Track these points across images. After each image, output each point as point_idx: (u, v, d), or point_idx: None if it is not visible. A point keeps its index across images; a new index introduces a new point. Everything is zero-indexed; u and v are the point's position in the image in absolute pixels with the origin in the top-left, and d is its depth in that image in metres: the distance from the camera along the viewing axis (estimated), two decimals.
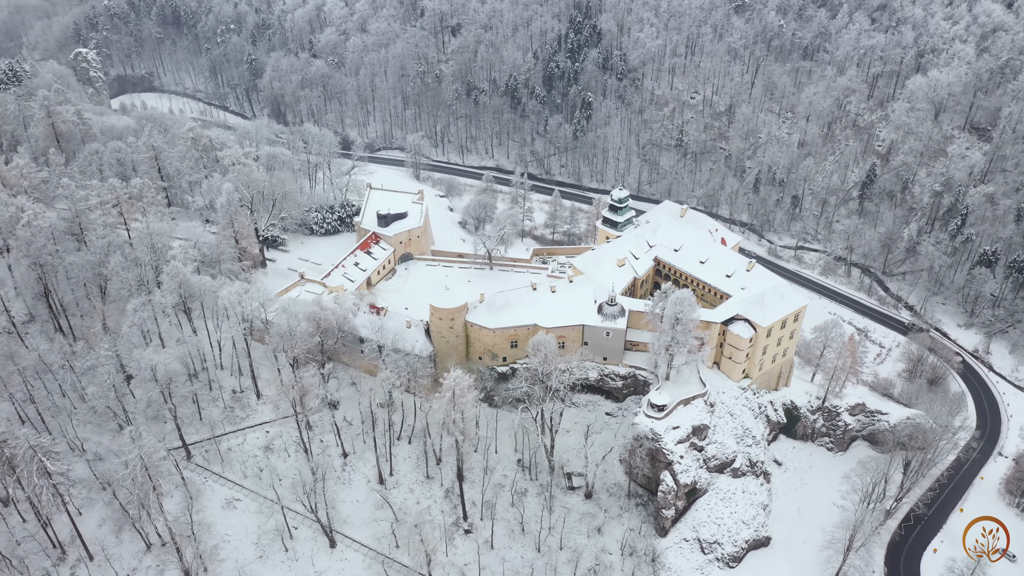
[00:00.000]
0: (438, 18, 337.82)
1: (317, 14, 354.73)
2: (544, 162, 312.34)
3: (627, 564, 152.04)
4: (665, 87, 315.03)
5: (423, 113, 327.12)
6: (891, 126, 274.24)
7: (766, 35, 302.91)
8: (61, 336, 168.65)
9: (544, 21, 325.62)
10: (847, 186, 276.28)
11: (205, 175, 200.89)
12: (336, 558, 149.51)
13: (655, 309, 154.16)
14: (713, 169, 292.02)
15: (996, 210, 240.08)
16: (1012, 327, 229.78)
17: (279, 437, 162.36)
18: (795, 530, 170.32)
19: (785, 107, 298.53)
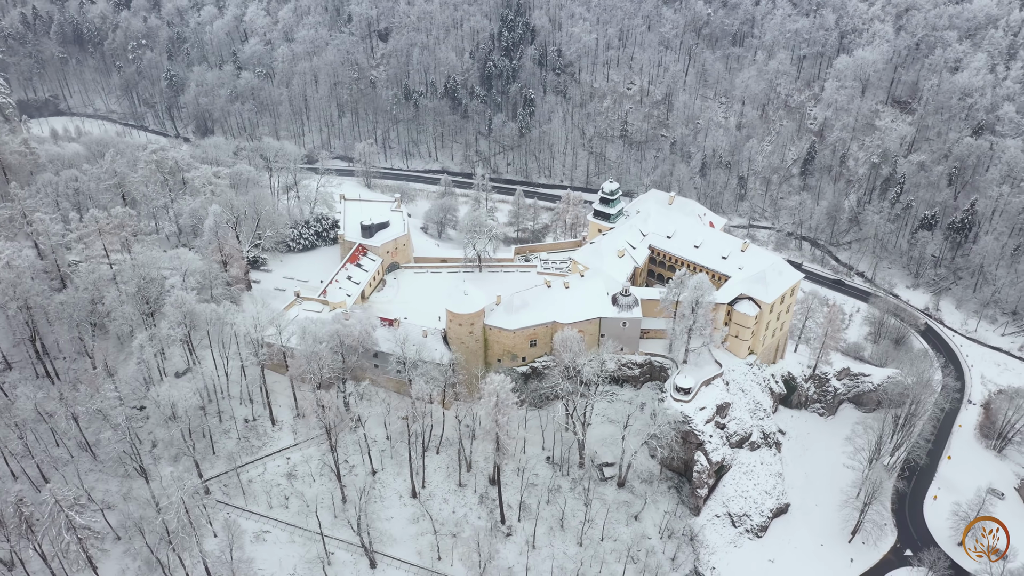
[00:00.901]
0: (366, 23, 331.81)
1: (237, 25, 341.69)
2: (490, 161, 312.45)
3: (668, 547, 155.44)
4: (601, 80, 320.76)
5: (360, 121, 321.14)
6: (822, 104, 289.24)
7: (696, 24, 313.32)
8: (49, 382, 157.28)
9: (476, 21, 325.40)
10: (787, 164, 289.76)
11: (172, 198, 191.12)
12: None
13: (670, 296, 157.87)
14: (658, 156, 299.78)
15: (929, 176, 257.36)
16: (955, 284, 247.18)
17: (302, 463, 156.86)
18: (807, 494, 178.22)
19: (719, 92, 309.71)
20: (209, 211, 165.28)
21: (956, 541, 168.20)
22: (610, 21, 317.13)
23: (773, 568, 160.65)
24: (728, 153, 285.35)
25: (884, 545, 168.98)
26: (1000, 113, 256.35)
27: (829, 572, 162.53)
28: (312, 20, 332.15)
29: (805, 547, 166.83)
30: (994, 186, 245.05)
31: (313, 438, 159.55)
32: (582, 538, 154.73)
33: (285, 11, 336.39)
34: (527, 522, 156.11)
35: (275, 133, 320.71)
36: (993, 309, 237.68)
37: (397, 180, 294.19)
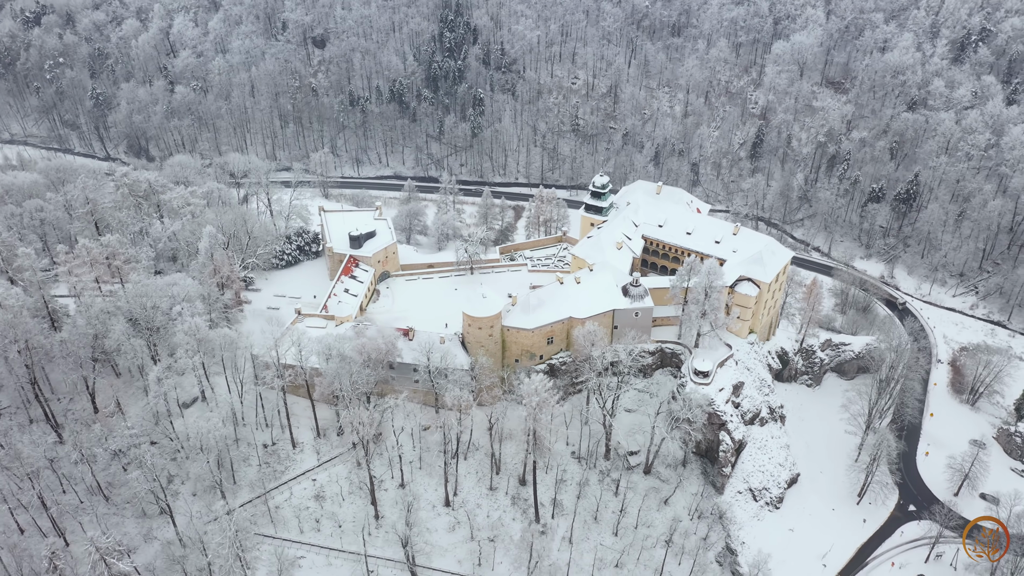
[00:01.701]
0: (301, 30, 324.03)
1: (164, 38, 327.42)
2: (443, 163, 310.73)
3: (700, 527, 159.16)
4: (546, 76, 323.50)
5: (305, 130, 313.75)
6: (764, 89, 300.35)
7: (635, 16, 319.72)
8: (49, 427, 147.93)
9: (416, 23, 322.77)
10: (734, 148, 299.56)
11: (149, 223, 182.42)
12: None
13: (681, 282, 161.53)
14: (609, 149, 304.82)
15: (872, 151, 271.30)
16: (904, 251, 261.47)
17: (329, 483, 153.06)
18: (810, 463, 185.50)
19: (662, 82, 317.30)
20: (203, 233, 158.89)
21: (952, 492, 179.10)
22: (551, 17, 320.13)
23: (794, 537, 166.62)
24: (680, 140, 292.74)
25: (890, 503, 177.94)
26: (931, 88, 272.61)
27: (845, 534, 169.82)
28: (245, 29, 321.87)
29: (819, 513, 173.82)
30: (933, 157, 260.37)
31: (338, 456, 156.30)
32: (617, 528, 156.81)
33: (215, 21, 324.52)
34: (561, 518, 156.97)
35: (216, 148, 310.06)
36: (942, 272, 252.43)
37: (353, 188, 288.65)
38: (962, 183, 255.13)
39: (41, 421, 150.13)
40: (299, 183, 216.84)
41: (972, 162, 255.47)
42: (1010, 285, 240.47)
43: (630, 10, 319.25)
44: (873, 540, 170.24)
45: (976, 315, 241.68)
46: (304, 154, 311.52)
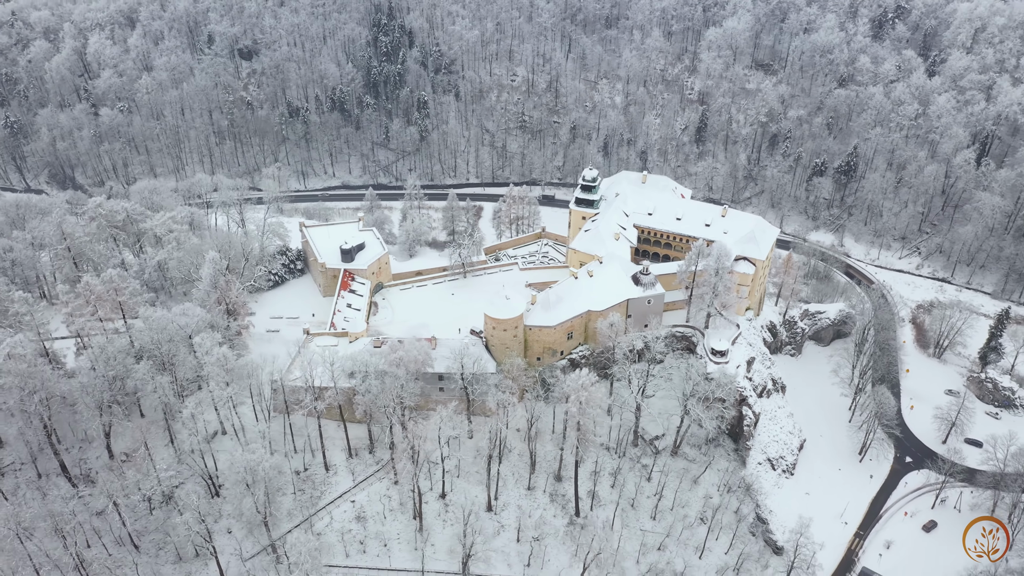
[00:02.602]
0: (229, 42, 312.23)
1: (79, 59, 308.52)
2: (392, 169, 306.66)
3: (731, 501, 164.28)
4: (485, 75, 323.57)
5: (244, 146, 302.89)
6: (701, 75, 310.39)
7: (570, 11, 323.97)
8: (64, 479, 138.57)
9: (350, 28, 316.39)
10: (677, 134, 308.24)
11: (131, 253, 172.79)
12: None
13: (690, 267, 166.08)
14: (556, 143, 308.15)
15: (811, 128, 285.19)
16: (848, 220, 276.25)
17: (368, 503, 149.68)
18: (810, 428, 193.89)
19: (600, 74, 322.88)
20: (207, 259, 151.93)
21: (940, 440, 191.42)
22: (487, 16, 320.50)
23: (811, 500, 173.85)
24: (626, 130, 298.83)
25: (889, 457, 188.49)
26: (858, 65, 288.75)
27: (856, 491, 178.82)
28: (169, 45, 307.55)
29: (827, 475, 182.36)
30: (868, 129, 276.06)
31: (373, 474, 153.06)
32: (655, 512, 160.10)
33: (135, 38, 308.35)
34: (599, 509, 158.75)
35: (151, 170, 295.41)
36: (885, 237, 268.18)
37: (307, 202, 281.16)
38: (897, 152, 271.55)
39: (54, 474, 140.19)
40: (275, 198, 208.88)
41: (904, 132, 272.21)
42: (948, 244, 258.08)
43: (564, 5, 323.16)
44: (881, 494, 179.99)
45: (923, 274, 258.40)
46: (245, 171, 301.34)
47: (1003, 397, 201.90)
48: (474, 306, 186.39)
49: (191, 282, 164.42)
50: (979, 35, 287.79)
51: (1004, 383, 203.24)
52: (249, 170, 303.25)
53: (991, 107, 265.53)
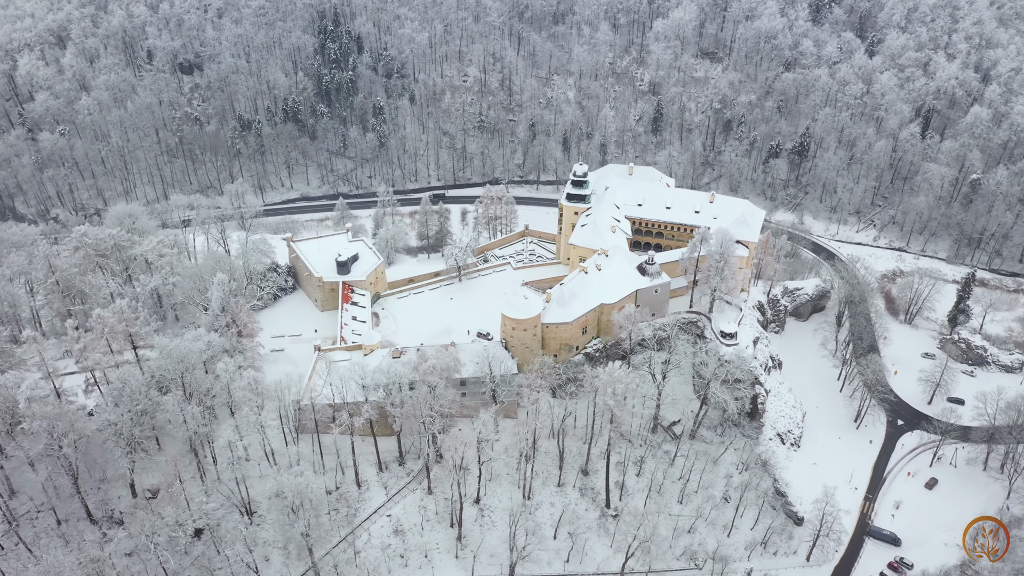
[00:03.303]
0: (171, 57, 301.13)
1: (9, 81, 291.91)
2: (352, 177, 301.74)
3: (752, 478, 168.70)
4: (436, 76, 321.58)
5: (196, 163, 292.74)
6: (652, 66, 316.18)
7: (518, 9, 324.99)
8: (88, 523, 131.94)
9: (296, 37, 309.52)
10: (632, 125, 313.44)
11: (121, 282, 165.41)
12: None
13: (692, 254, 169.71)
14: (514, 141, 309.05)
15: (763, 112, 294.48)
16: (804, 197, 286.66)
17: (404, 515, 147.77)
18: (805, 400, 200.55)
19: (552, 70, 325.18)
20: (214, 281, 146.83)
21: (926, 401, 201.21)
22: (435, 17, 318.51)
23: (819, 469, 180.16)
24: (584, 124, 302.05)
25: (882, 422, 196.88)
26: (802, 49, 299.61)
27: (859, 456, 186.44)
28: (107, 63, 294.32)
29: (830, 444, 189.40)
30: (817, 110, 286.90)
31: (405, 486, 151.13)
32: (682, 496, 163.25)
33: (69, 58, 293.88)
34: (628, 498, 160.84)
35: (100, 195, 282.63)
36: (841, 212, 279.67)
37: (274, 216, 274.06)
38: (846, 130, 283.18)
39: (75, 519, 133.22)
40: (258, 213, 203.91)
41: (851, 110, 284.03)
42: (901, 215, 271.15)
43: (511, 3, 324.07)
44: (882, 457, 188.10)
45: (881, 245, 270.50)
46: (198, 189, 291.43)
47: (976, 356, 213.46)
48: (475, 309, 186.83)
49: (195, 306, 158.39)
50: (912, 15, 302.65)
51: (976, 342, 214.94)
52: (202, 188, 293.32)
53: (931, 82, 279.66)
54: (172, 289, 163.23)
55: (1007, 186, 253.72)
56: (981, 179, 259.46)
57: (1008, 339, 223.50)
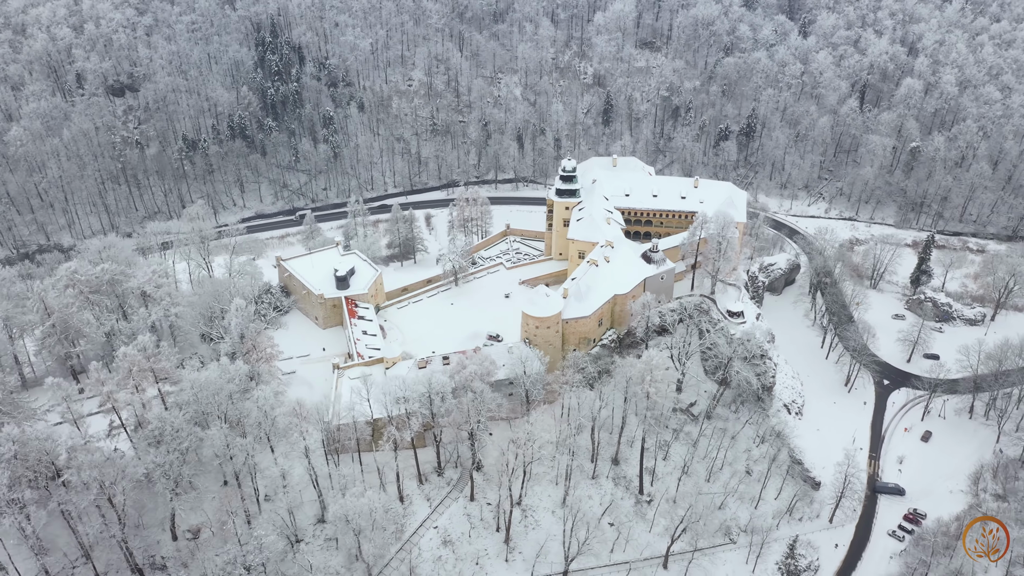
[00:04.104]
0: (103, 79, 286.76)
1: None
2: (306, 191, 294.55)
3: (768, 449, 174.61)
4: (382, 83, 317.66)
5: (141, 189, 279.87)
6: (594, 59, 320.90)
7: (458, 10, 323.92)
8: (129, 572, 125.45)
9: (235, 51, 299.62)
10: (582, 119, 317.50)
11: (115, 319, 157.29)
12: None
13: (693, 237, 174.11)
14: (466, 143, 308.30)
15: (709, 96, 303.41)
16: (755, 176, 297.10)
17: (451, 525, 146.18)
18: (797, 366, 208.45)
19: (496, 68, 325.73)
20: (232, 308, 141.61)
21: (905, 359, 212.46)
22: (377, 23, 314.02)
23: (823, 435, 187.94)
24: (537, 120, 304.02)
25: (870, 384, 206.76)
26: (739, 33, 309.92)
27: (857, 418, 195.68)
28: (34, 90, 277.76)
29: (827, 410, 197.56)
30: (760, 92, 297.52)
31: (447, 496, 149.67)
32: (708, 475, 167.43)
33: None
34: (658, 483, 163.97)
35: (41, 229, 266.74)
36: (791, 188, 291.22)
37: (231, 237, 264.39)
38: (789, 109, 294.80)
39: (117, 570, 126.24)
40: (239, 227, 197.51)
41: (792, 90, 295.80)
42: (847, 186, 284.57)
43: (451, 4, 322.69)
44: (876, 416, 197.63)
45: (832, 216, 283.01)
46: (146, 215, 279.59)
47: (942, 313, 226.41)
48: (477, 312, 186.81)
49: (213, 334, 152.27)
50: None
51: (941, 300, 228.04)
52: (150, 214, 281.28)
53: (864, 58, 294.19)
54: (174, 320, 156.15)
55: (944, 151, 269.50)
56: (920, 146, 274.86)
57: (964, 294, 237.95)
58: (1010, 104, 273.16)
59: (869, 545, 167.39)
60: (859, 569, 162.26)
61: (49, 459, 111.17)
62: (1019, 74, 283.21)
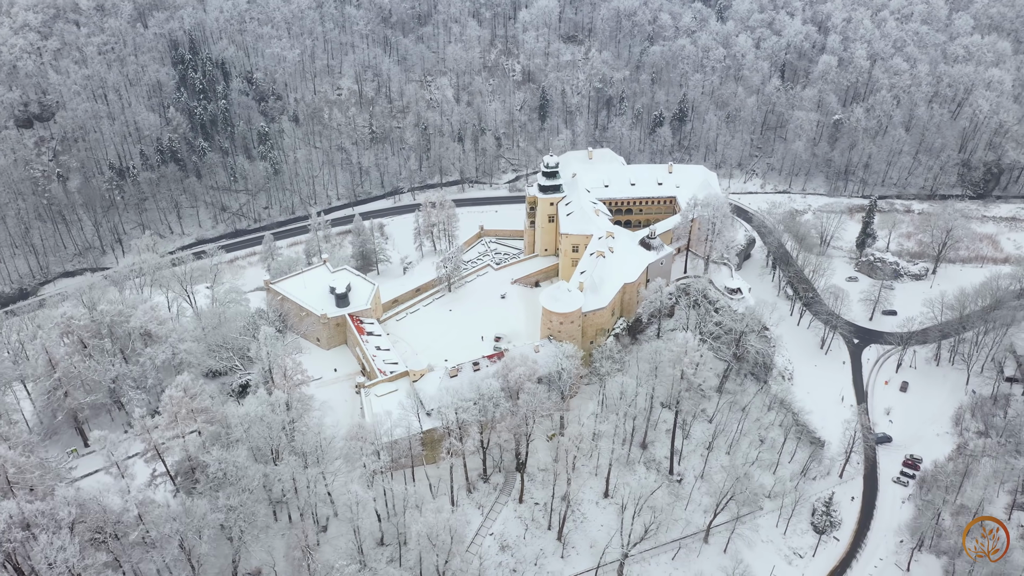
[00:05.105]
0: (10, 110, 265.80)
1: None
2: (247, 211, 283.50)
3: (777, 416, 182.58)
4: (311, 94, 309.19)
5: (68, 224, 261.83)
6: (522, 56, 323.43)
7: (382, 15, 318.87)
8: None
9: (154, 70, 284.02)
10: (517, 115, 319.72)
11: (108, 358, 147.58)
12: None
13: (687, 218, 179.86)
14: (404, 150, 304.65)
15: (640, 85, 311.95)
16: (690, 159, 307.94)
17: (505, 529, 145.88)
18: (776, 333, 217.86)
19: (426, 71, 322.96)
20: (260, 336, 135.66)
21: (868, 318, 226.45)
22: (302, 33, 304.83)
23: (813, 397, 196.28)
24: (476, 120, 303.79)
25: (842, 342, 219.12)
26: (661, 22, 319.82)
27: (839, 376, 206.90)
28: None
29: (810, 372, 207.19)
30: (688, 78, 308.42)
31: (496, 500, 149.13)
32: (728, 448, 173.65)
33: None
34: (684, 461, 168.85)
35: None
36: (726, 167, 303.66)
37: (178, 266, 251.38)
38: (717, 92, 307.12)
39: None
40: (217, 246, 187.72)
41: (718, 73, 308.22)
42: (777, 161, 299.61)
43: (375, 10, 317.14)
44: (856, 371, 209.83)
45: (768, 191, 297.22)
46: (76, 252, 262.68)
47: (891, 271, 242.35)
48: (478, 315, 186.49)
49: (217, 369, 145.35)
50: None
51: (889, 259, 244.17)
52: (81, 251, 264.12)
53: (781, 39, 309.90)
54: (184, 356, 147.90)
55: (864, 121, 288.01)
56: (841, 119, 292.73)
57: (903, 252, 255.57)
58: (917, 73, 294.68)
59: (879, 494, 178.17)
60: (876, 518, 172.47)
61: (115, 517, 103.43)
62: (920, 45, 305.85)
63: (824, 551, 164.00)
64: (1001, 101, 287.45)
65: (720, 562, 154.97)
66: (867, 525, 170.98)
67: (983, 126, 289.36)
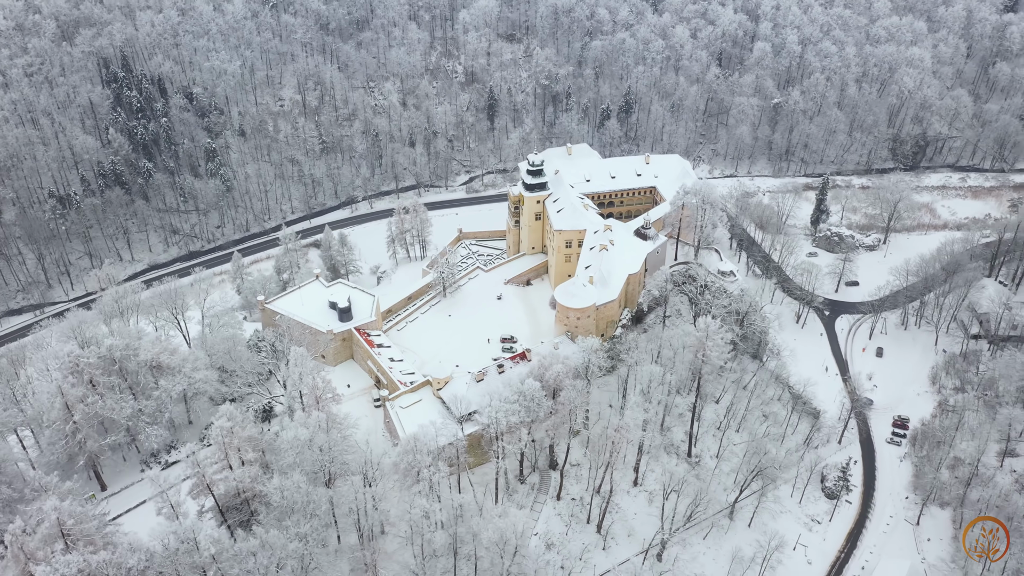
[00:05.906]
0: None
1: None
2: (198, 232, 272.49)
3: (775, 391, 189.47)
4: (252, 106, 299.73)
5: (8, 259, 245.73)
6: (465, 56, 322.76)
7: (320, 23, 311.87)
8: None
9: (87, 90, 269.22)
10: (464, 117, 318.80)
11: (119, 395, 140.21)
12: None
13: (678, 204, 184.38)
14: (355, 158, 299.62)
15: (585, 80, 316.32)
16: (638, 149, 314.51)
17: (547, 529, 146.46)
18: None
19: (368, 77, 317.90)
20: (292, 358, 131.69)
21: (834, 290, 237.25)
22: (239, 45, 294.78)
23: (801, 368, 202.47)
24: (427, 123, 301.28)
25: (815, 316, 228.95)
26: (599, 17, 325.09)
27: (818, 348, 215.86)
28: None
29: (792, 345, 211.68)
30: (630, 70, 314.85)
31: (534, 499, 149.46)
32: (738, 426, 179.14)
33: None
34: (699, 443, 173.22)
35: None
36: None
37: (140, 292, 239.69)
38: (660, 83, 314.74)
39: None
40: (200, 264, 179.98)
41: (659, 65, 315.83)
42: (722, 147, 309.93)
43: (313, 18, 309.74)
44: (832, 341, 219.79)
45: (716, 176, 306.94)
46: (20, 288, 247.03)
47: (848, 244, 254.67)
48: (479, 318, 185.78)
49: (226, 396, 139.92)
50: None
51: (845, 233, 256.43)
52: (24, 286, 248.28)
53: (716, 29, 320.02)
54: (200, 386, 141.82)
55: (802, 104, 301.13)
56: (780, 102, 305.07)
57: (853, 225, 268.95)
58: (845, 55, 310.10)
59: (877, 456, 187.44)
60: (879, 479, 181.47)
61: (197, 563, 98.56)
62: (844, 28, 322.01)
63: (839, 515, 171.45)
64: (923, 77, 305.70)
65: (749, 536, 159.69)
66: (872, 486, 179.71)
67: (909, 101, 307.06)
